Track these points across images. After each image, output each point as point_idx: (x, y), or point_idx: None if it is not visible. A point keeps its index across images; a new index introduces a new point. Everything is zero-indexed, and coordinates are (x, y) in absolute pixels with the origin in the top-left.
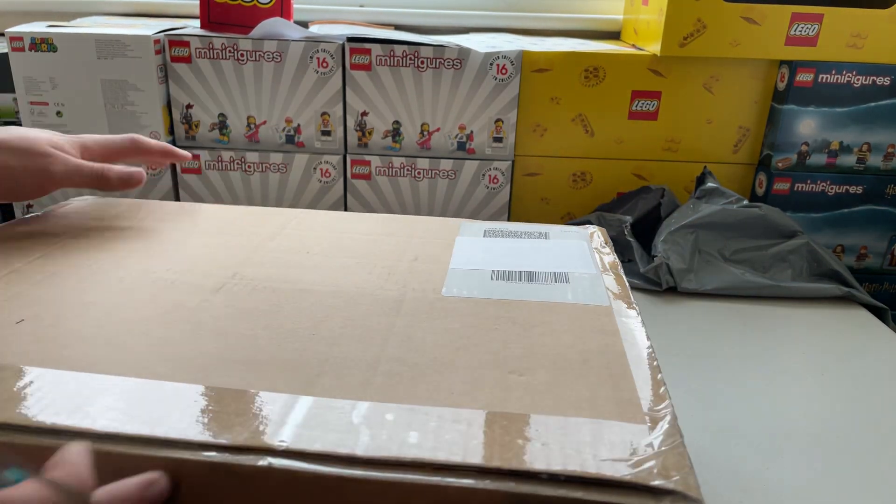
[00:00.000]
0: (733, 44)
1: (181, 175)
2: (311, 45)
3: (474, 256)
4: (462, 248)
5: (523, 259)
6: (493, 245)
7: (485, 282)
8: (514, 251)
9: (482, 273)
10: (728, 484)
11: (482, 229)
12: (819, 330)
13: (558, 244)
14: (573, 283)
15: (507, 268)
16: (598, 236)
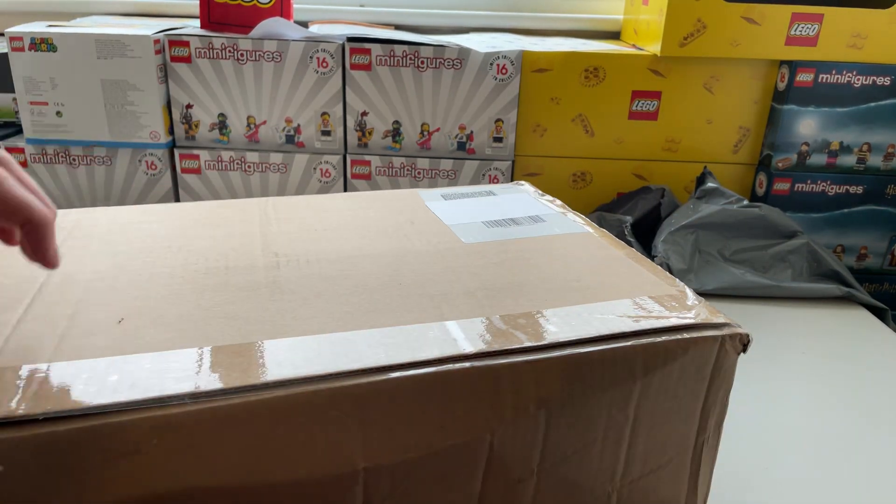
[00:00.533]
0: (733, 44)
1: (181, 175)
2: (311, 45)
3: (458, 214)
4: (440, 210)
5: (496, 210)
6: (460, 205)
7: (486, 230)
8: (479, 207)
9: (476, 225)
10: (728, 483)
11: (439, 195)
12: (819, 330)
13: (507, 198)
14: (549, 222)
15: (488, 219)
16: (530, 187)
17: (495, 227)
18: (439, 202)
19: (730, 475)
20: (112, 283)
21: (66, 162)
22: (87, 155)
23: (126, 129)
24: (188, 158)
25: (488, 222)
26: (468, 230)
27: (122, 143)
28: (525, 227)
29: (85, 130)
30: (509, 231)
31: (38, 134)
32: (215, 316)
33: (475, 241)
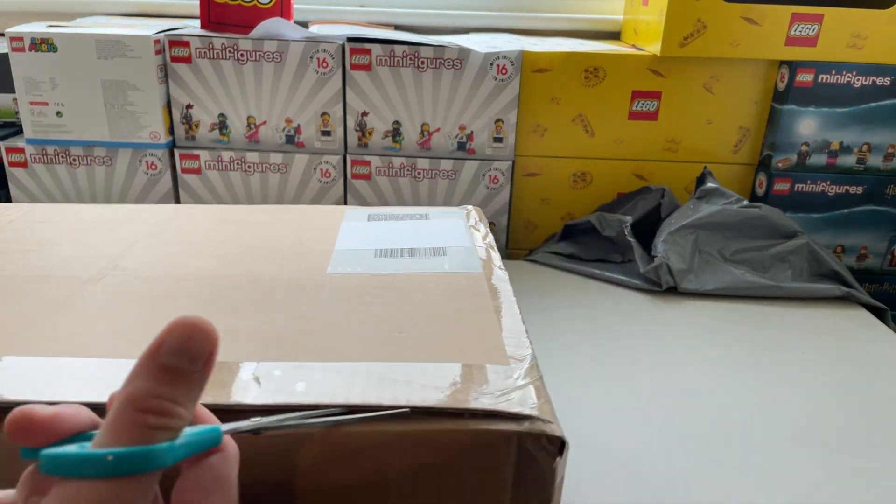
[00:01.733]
0: (733, 44)
1: (181, 175)
2: (311, 45)
3: (359, 238)
4: (347, 231)
5: (405, 238)
6: (377, 228)
7: (369, 259)
8: (396, 232)
9: (366, 252)
10: (728, 483)
11: (367, 214)
12: (819, 330)
13: (437, 223)
14: (449, 256)
15: (390, 246)
16: (474, 215)
17: (382, 258)
18: (357, 223)
19: (730, 475)
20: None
21: (66, 162)
22: (87, 155)
23: (126, 129)
24: (188, 159)
25: (381, 251)
26: (347, 258)
27: (122, 143)
28: (416, 261)
29: (85, 131)
30: (393, 263)
31: (38, 134)
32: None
33: (341, 271)
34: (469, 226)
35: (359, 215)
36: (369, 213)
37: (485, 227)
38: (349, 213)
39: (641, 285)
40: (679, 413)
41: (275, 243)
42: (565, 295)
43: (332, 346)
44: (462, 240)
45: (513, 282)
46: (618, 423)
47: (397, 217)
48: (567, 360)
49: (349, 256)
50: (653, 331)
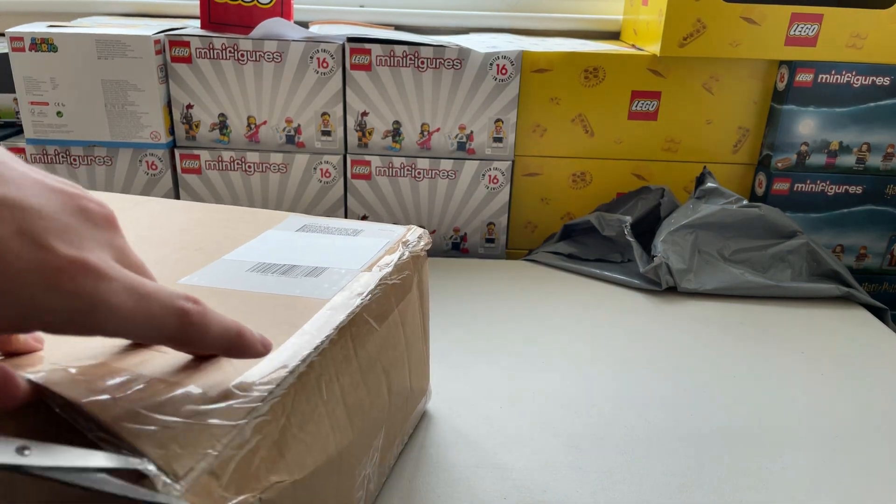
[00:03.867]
0: (733, 44)
1: (181, 175)
2: (312, 45)
3: (260, 249)
4: (260, 240)
5: (305, 254)
6: (295, 239)
7: (237, 273)
8: (307, 247)
9: (245, 265)
10: (728, 483)
11: (301, 223)
12: (819, 330)
13: (357, 242)
14: (321, 279)
15: (274, 261)
16: (413, 235)
17: (252, 273)
18: (280, 232)
19: (730, 475)
20: None
21: (66, 162)
22: (87, 155)
23: (126, 129)
24: (189, 158)
25: (259, 265)
26: (220, 270)
27: (122, 143)
28: (279, 279)
29: (85, 130)
30: (254, 279)
31: (38, 134)
32: None
33: (193, 283)
34: (382, 247)
35: (292, 224)
36: (304, 224)
37: (405, 251)
38: (285, 223)
39: (641, 285)
40: (678, 412)
41: (172, 246)
42: (565, 295)
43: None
44: (355, 262)
45: (513, 282)
46: (618, 423)
47: (327, 230)
48: (566, 359)
49: (223, 268)
50: (652, 331)
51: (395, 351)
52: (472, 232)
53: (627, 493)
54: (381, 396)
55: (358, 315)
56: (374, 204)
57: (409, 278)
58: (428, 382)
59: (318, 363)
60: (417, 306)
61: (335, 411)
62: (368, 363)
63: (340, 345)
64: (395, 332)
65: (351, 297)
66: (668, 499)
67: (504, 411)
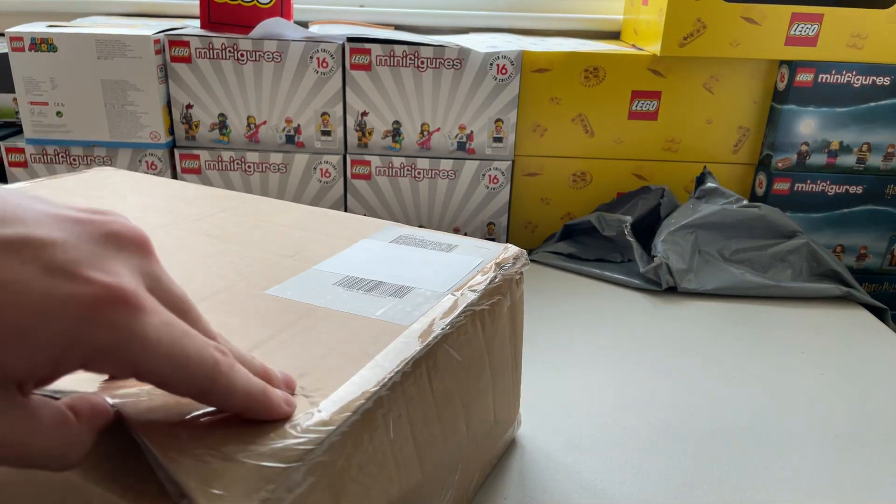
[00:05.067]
0: (733, 44)
1: (181, 175)
2: (311, 45)
3: (352, 260)
4: (353, 251)
5: (394, 270)
6: (388, 251)
7: (324, 287)
8: (398, 261)
9: (333, 277)
10: (728, 483)
11: (397, 234)
12: (819, 330)
13: (449, 259)
14: (405, 300)
15: (363, 275)
16: (509, 254)
17: (337, 287)
18: (375, 242)
19: (729, 475)
20: None
21: (66, 162)
22: (87, 155)
23: (126, 129)
24: (188, 158)
25: (347, 279)
26: (307, 281)
27: (122, 143)
28: (365, 297)
29: (85, 130)
30: (338, 296)
31: (38, 134)
32: None
33: (277, 294)
34: (476, 268)
35: (387, 235)
36: (400, 235)
37: (497, 273)
38: (382, 232)
39: (641, 285)
40: (679, 412)
41: (267, 250)
42: (565, 295)
43: None
44: (443, 284)
45: None
46: (617, 423)
47: (421, 244)
48: (567, 359)
49: (311, 279)
50: (652, 330)
51: (478, 383)
52: (472, 232)
53: (627, 493)
54: (457, 432)
55: (437, 345)
56: (374, 204)
57: (500, 304)
58: (517, 411)
59: (387, 399)
60: (508, 333)
61: (402, 450)
62: (445, 397)
63: (414, 378)
64: (480, 362)
65: (432, 325)
66: (668, 499)
67: None
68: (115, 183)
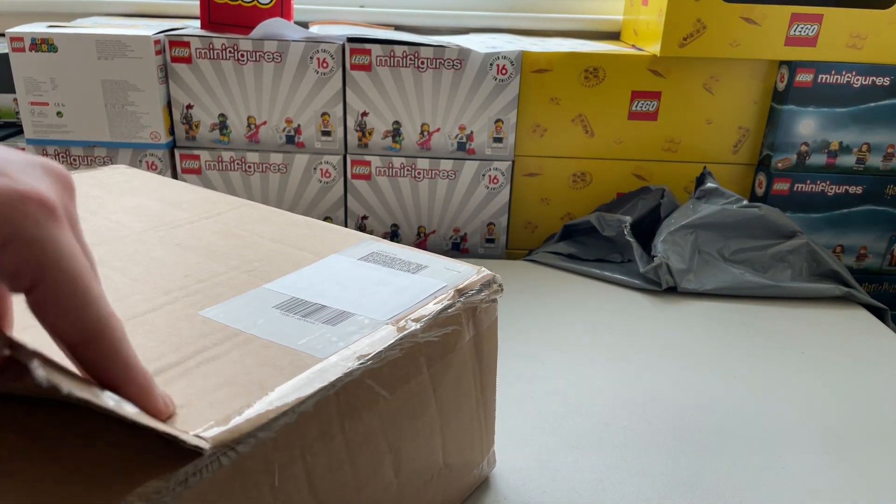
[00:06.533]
0: (733, 44)
1: (182, 175)
2: (312, 45)
3: (306, 280)
4: (315, 268)
5: (345, 292)
6: (349, 271)
7: (261, 309)
8: (354, 281)
9: (277, 299)
10: (728, 483)
11: (370, 251)
12: (819, 330)
13: (412, 281)
14: (337, 328)
15: (308, 298)
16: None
17: (277, 311)
18: (342, 258)
19: (729, 475)
20: None
21: (66, 162)
22: (87, 155)
23: (126, 129)
24: (189, 159)
25: (291, 302)
26: (249, 302)
27: (122, 143)
28: (299, 323)
29: (85, 131)
30: (274, 320)
31: (38, 134)
32: None
33: (210, 316)
34: (434, 292)
35: (362, 251)
36: (372, 251)
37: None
38: (356, 248)
39: (641, 285)
40: (679, 412)
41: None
42: (565, 295)
43: None
44: (388, 310)
45: (513, 281)
46: (618, 423)
47: (390, 263)
48: (567, 359)
49: (253, 300)
50: (652, 330)
51: (414, 422)
52: (472, 232)
53: (627, 493)
54: (380, 478)
55: (356, 381)
56: (374, 204)
57: (456, 335)
58: (487, 450)
59: (273, 443)
60: (470, 367)
61: (292, 499)
62: (364, 438)
63: (318, 419)
64: (421, 399)
65: (349, 360)
66: (668, 499)
67: (504, 411)
68: (119, 182)
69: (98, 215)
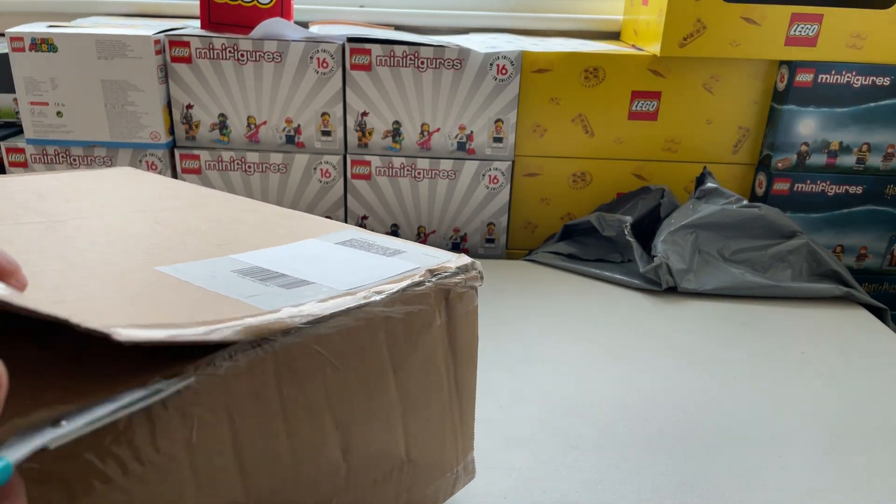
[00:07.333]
0: (733, 44)
1: (182, 175)
2: (312, 45)
3: (275, 255)
4: (288, 247)
5: (311, 267)
6: (324, 251)
7: (220, 272)
8: (325, 260)
9: (238, 266)
10: (728, 483)
11: (349, 237)
12: (819, 330)
13: (384, 262)
14: (292, 291)
15: (271, 268)
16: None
17: (235, 275)
18: (319, 242)
19: (729, 474)
20: None
21: (66, 162)
22: (87, 155)
23: (126, 129)
24: (188, 158)
25: (252, 269)
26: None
27: (122, 143)
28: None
29: (85, 131)
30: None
31: (38, 134)
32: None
33: (169, 272)
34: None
35: (341, 237)
36: (351, 238)
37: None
38: (336, 234)
39: (641, 285)
40: (679, 412)
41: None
42: (565, 295)
43: None
44: (350, 282)
45: (513, 282)
46: (618, 423)
47: (366, 247)
48: (567, 359)
49: (214, 265)
50: (652, 330)
51: (369, 402)
52: (472, 232)
53: (627, 493)
54: (324, 457)
55: (301, 344)
56: (374, 204)
57: (424, 316)
58: (463, 456)
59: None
60: (441, 355)
61: (212, 462)
62: (306, 410)
63: (249, 372)
64: (378, 378)
65: (297, 317)
66: (668, 499)
67: (504, 411)
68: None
69: (87, 199)
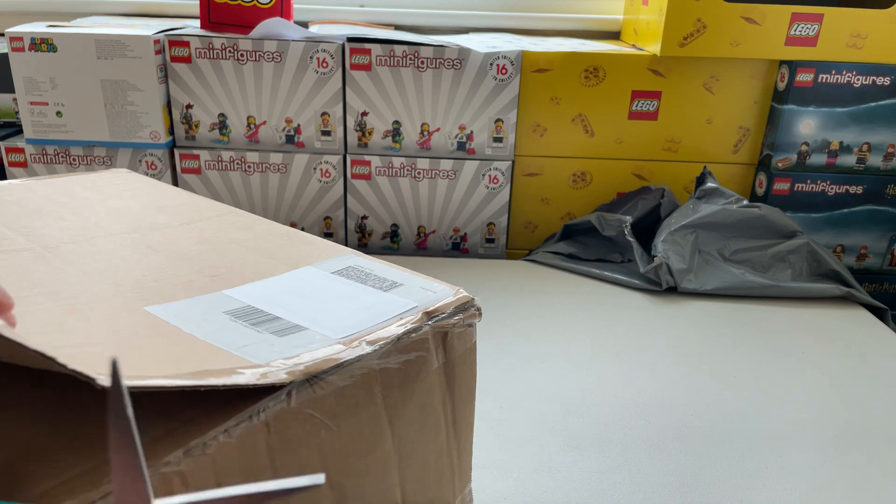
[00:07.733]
0: (733, 44)
1: (181, 175)
2: (311, 45)
3: (269, 289)
4: (282, 278)
5: (305, 305)
6: (318, 283)
7: (211, 313)
8: (320, 294)
9: (231, 304)
10: (728, 483)
11: (345, 265)
12: (819, 330)
13: (381, 299)
14: (288, 339)
15: (265, 307)
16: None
17: (226, 318)
18: (315, 272)
19: (729, 474)
20: None
21: (66, 162)
22: (87, 155)
23: (126, 129)
24: (188, 158)
25: (245, 310)
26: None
27: (122, 143)
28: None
29: (85, 130)
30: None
31: (38, 134)
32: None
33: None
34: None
35: (337, 265)
36: (348, 266)
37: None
38: (332, 261)
39: (641, 285)
40: (679, 412)
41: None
42: (565, 294)
43: None
44: (345, 328)
45: (513, 281)
46: (618, 423)
47: (363, 279)
48: (567, 359)
49: (206, 303)
50: (652, 330)
51: (364, 458)
52: (472, 232)
53: (627, 493)
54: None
55: (293, 411)
56: (374, 204)
57: (421, 363)
58: (460, 490)
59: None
60: (438, 398)
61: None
62: (298, 473)
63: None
64: (374, 433)
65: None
66: (668, 499)
67: (504, 411)
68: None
69: (79, 216)
